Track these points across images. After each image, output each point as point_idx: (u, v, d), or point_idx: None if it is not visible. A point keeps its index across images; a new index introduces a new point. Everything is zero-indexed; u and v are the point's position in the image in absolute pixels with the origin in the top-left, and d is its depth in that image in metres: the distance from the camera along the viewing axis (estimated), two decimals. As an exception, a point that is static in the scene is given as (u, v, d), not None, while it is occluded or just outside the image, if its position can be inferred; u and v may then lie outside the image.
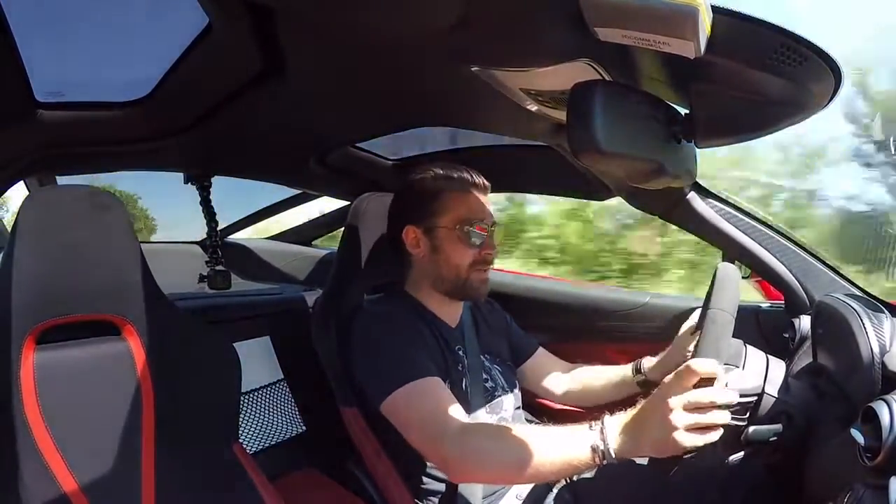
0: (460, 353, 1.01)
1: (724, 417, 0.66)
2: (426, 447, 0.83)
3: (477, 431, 0.81)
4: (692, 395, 0.65)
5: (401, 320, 0.96)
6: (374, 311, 1.01)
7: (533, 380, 1.16)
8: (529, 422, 1.12)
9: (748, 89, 0.56)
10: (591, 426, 0.72)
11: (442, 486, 0.94)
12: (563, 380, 1.15)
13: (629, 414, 0.71)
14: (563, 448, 0.71)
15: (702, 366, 0.65)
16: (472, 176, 1.00)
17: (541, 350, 1.19)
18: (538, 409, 1.31)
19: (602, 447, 0.69)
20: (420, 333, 0.95)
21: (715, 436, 0.65)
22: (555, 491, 0.98)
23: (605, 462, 0.69)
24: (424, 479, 0.95)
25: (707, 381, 0.66)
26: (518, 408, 1.07)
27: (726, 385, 0.68)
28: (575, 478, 0.99)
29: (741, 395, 0.82)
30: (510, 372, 1.10)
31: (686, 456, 0.67)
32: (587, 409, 1.11)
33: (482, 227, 0.97)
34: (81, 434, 0.74)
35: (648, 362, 1.04)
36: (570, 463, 0.71)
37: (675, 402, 0.65)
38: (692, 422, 0.64)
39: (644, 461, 0.73)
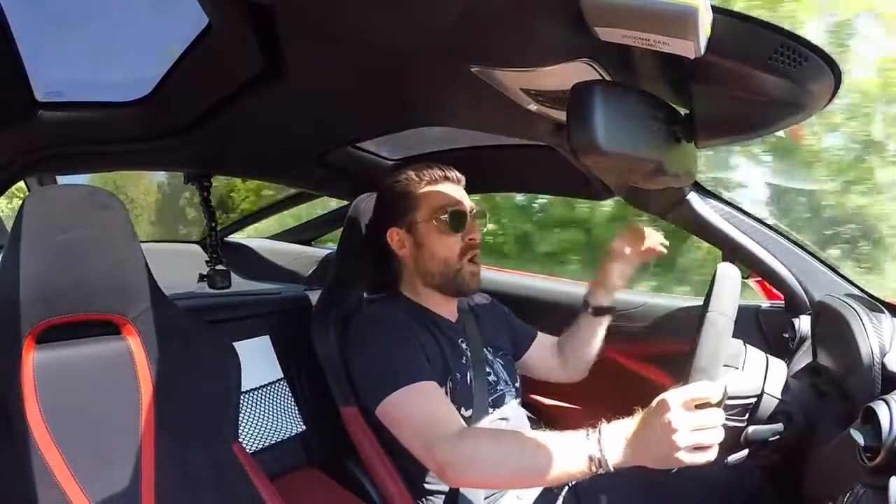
0: (463, 345, 1.01)
1: (722, 435, 0.66)
2: (421, 451, 0.83)
3: (472, 436, 0.81)
4: (698, 418, 0.65)
5: (396, 323, 0.96)
6: (371, 313, 1.01)
7: (539, 367, 1.18)
8: (528, 419, 1.12)
9: (748, 89, 0.56)
10: (587, 434, 0.71)
11: (443, 486, 0.94)
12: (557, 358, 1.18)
13: (628, 425, 0.71)
14: (559, 456, 0.71)
15: (708, 391, 0.66)
16: (441, 170, 1.01)
17: (540, 336, 1.19)
18: (533, 406, 1.31)
19: (599, 457, 0.69)
20: (416, 335, 0.94)
21: (714, 453, 0.66)
22: (561, 499, 0.98)
23: (601, 470, 0.69)
24: (425, 478, 0.95)
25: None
26: (519, 403, 1.07)
27: (725, 388, 0.68)
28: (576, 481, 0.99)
29: (740, 398, 0.83)
30: (512, 366, 1.10)
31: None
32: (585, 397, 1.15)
33: (461, 212, 0.98)
34: (81, 433, 0.74)
35: (590, 293, 1.13)
36: (567, 471, 0.71)
37: (682, 424, 0.65)
38: (696, 442, 0.65)
39: None
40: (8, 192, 0.95)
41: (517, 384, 1.08)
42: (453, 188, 1.01)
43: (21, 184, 1.19)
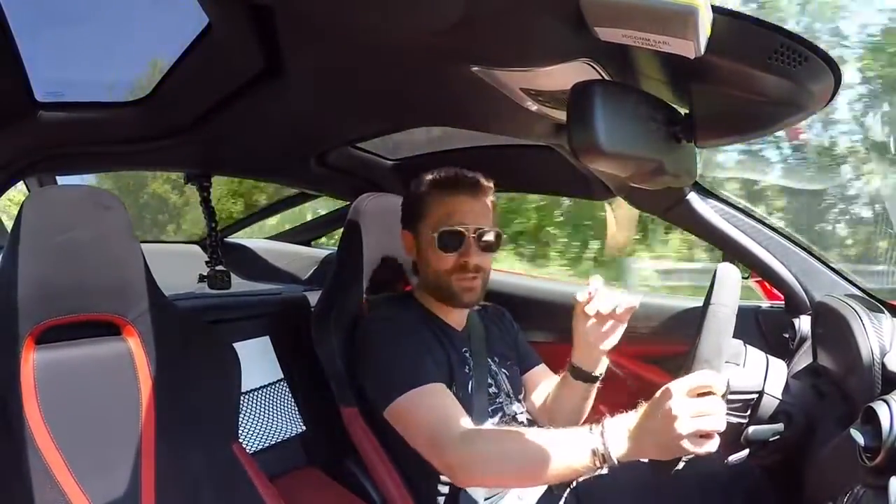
0: (466, 355, 1.01)
1: (724, 424, 0.66)
2: (430, 453, 0.83)
3: (480, 437, 0.81)
4: (699, 405, 0.65)
5: (406, 325, 0.95)
6: (380, 314, 1.00)
7: (526, 395, 1.13)
8: (529, 423, 1.11)
9: (748, 89, 0.56)
10: (591, 429, 0.72)
11: (443, 487, 0.94)
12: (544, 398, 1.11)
13: (630, 418, 0.71)
14: (564, 452, 0.71)
15: (710, 379, 0.66)
16: (456, 176, 0.96)
17: (540, 368, 1.15)
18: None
19: (603, 450, 0.69)
20: (424, 338, 0.94)
21: (715, 443, 0.65)
22: (563, 500, 0.97)
23: (605, 465, 0.69)
24: (426, 478, 0.95)
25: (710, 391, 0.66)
26: (522, 412, 1.07)
27: (728, 382, 0.67)
28: (577, 482, 0.99)
29: (741, 393, 0.82)
30: (517, 377, 1.09)
31: (687, 457, 0.67)
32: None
33: (458, 232, 0.93)
34: (81, 433, 0.74)
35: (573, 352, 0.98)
36: (572, 466, 0.71)
37: (682, 411, 0.64)
38: (697, 428, 0.64)
39: (645, 461, 0.73)
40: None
41: (520, 396, 1.07)
42: (462, 200, 0.94)
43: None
